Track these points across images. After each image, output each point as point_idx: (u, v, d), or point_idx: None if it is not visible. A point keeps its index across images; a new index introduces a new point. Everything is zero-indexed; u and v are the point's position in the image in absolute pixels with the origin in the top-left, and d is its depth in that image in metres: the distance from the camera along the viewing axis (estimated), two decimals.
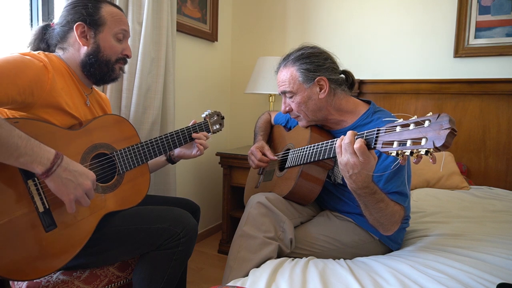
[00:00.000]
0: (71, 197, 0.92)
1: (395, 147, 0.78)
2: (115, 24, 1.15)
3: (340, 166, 0.95)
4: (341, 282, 0.95)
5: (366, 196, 1.00)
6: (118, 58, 1.18)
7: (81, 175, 0.94)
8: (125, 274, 1.18)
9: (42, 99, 0.97)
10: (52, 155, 0.89)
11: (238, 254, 1.12)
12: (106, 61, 1.15)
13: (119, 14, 1.17)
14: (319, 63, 1.22)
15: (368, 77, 2.33)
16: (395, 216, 1.07)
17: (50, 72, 1.00)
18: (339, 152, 0.95)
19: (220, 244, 2.38)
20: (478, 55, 2.09)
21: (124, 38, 1.19)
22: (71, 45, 1.13)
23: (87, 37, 1.12)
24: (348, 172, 0.94)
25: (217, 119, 1.48)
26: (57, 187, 0.90)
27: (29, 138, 0.86)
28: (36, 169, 0.86)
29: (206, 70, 2.55)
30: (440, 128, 0.70)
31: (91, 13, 1.11)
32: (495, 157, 2.04)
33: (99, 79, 1.18)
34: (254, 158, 1.43)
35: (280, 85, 1.28)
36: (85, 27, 1.11)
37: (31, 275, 0.91)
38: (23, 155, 0.84)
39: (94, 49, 1.12)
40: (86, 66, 1.13)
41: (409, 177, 1.16)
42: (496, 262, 1.04)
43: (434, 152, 0.72)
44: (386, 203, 1.04)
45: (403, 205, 1.11)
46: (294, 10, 2.59)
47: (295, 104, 1.26)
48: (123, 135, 1.18)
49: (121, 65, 1.22)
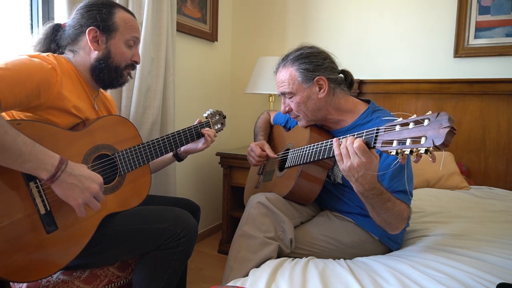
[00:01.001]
0: (79, 201, 0.92)
1: (394, 146, 0.78)
2: (127, 31, 1.15)
3: (344, 173, 0.95)
4: (341, 282, 0.95)
5: (374, 197, 0.99)
6: (127, 64, 1.19)
7: (87, 179, 0.93)
8: (125, 274, 1.18)
9: (48, 101, 0.97)
10: (57, 161, 0.89)
11: (238, 254, 1.12)
12: (115, 67, 1.15)
13: (132, 20, 1.17)
14: (318, 62, 1.22)
15: (368, 77, 2.33)
16: (402, 214, 1.07)
17: (58, 75, 1.00)
18: (339, 160, 0.94)
19: (220, 244, 2.38)
20: (478, 55, 2.09)
21: (134, 45, 1.19)
22: (81, 49, 1.13)
23: (98, 42, 1.11)
24: (353, 176, 0.93)
25: (219, 118, 1.48)
26: (64, 192, 0.90)
27: (34, 144, 0.86)
28: (41, 175, 0.87)
29: (206, 70, 2.55)
30: (439, 127, 0.70)
31: (104, 19, 1.11)
32: (495, 157, 2.04)
33: (107, 84, 1.18)
34: (254, 154, 1.43)
35: (279, 85, 1.28)
36: (97, 32, 1.10)
37: (31, 276, 0.91)
38: (28, 161, 0.84)
39: (105, 55, 1.12)
40: (96, 71, 1.13)
41: (411, 176, 1.16)
42: (496, 262, 1.04)
43: (434, 151, 0.72)
44: (393, 202, 1.03)
45: (408, 203, 1.11)
46: (294, 10, 2.59)
47: (295, 104, 1.26)
48: (125, 136, 1.18)
49: (130, 71, 1.22)
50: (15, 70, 0.90)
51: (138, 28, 1.20)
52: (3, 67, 0.88)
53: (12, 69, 0.89)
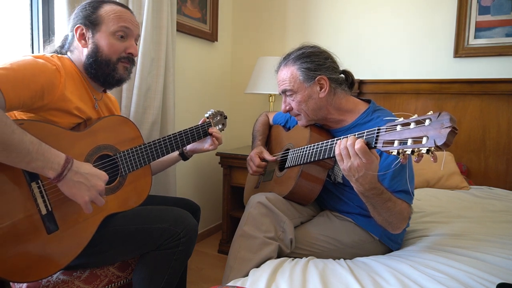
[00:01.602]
0: (86, 198, 0.93)
1: (396, 146, 0.78)
2: (113, 22, 1.11)
3: (344, 173, 0.95)
4: (341, 282, 0.95)
5: (374, 197, 1.00)
6: (121, 57, 1.14)
7: (93, 177, 0.94)
8: (125, 274, 1.18)
9: (51, 103, 0.98)
10: (63, 160, 0.89)
11: (238, 254, 1.12)
12: (106, 61, 1.11)
13: (119, 11, 1.13)
14: (320, 62, 1.22)
15: (368, 77, 2.33)
16: (403, 213, 1.07)
17: (62, 76, 1.00)
18: (340, 160, 0.94)
19: (220, 244, 2.38)
20: (478, 55, 2.09)
21: (127, 36, 1.14)
22: (76, 48, 1.13)
23: (86, 39, 1.11)
24: (354, 176, 0.93)
25: (220, 119, 1.48)
26: (70, 190, 0.91)
27: (40, 143, 0.86)
28: (48, 174, 0.87)
29: (206, 70, 2.55)
30: (441, 127, 0.70)
31: (88, 14, 1.10)
32: (495, 157, 2.04)
33: (102, 80, 1.14)
34: (252, 164, 1.43)
35: (280, 84, 1.28)
36: (83, 29, 1.10)
37: (31, 276, 0.91)
38: (34, 160, 0.84)
39: (93, 49, 1.11)
40: (88, 68, 1.12)
41: (412, 175, 1.16)
42: (496, 262, 1.04)
43: (436, 151, 0.72)
44: (394, 202, 1.03)
45: (410, 203, 1.12)
46: (294, 10, 2.59)
47: (296, 103, 1.26)
48: (127, 136, 1.18)
49: (126, 65, 1.16)
50: (20, 71, 0.90)
51: (128, 19, 1.14)
52: (8, 67, 0.88)
53: (17, 70, 0.90)
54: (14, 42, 1.53)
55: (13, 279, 0.88)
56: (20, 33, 1.55)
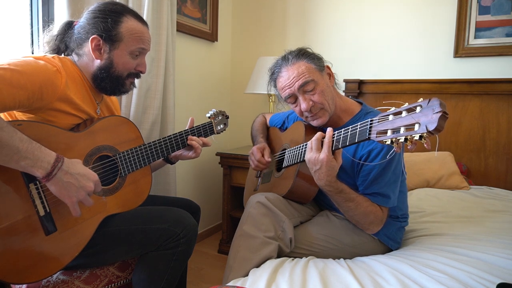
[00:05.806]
0: (74, 199, 0.91)
1: (389, 135, 0.80)
2: (133, 42, 1.11)
3: (308, 164, 1.05)
4: (341, 282, 0.95)
5: (333, 194, 1.08)
6: (130, 73, 1.16)
7: (83, 177, 0.93)
8: (125, 274, 1.18)
9: (52, 103, 0.97)
10: (53, 159, 0.88)
11: (238, 254, 1.12)
12: (117, 77, 1.13)
13: (140, 31, 1.12)
14: (318, 56, 1.26)
15: (368, 77, 2.33)
16: (369, 216, 1.11)
17: (63, 77, 0.99)
18: (308, 150, 1.05)
19: (220, 244, 2.38)
20: (478, 55, 2.09)
21: (140, 55, 1.16)
22: (86, 54, 1.11)
23: (101, 51, 1.09)
24: (312, 169, 1.05)
25: (221, 118, 1.47)
26: (59, 190, 0.90)
27: (30, 141, 0.85)
28: (36, 173, 0.86)
29: (206, 70, 2.55)
30: (431, 112, 0.71)
31: (109, 28, 1.08)
32: (495, 157, 2.04)
33: (109, 92, 1.16)
34: (253, 158, 1.43)
35: (295, 80, 1.19)
36: (100, 41, 1.08)
37: (30, 278, 0.91)
38: (24, 158, 0.83)
39: (107, 64, 1.10)
40: (97, 79, 1.12)
41: (394, 180, 1.16)
42: (496, 262, 1.04)
43: (428, 136, 0.73)
44: (356, 203, 1.09)
45: (384, 206, 1.15)
46: (294, 10, 2.59)
47: (318, 95, 1.19)
48: (127, 137, 1.18)
49: (132, 80, 1.18)
50: (17, 71, 0.89)
51: (147, 39, 1.15)
52: (5, 67, 0.88)
53: (14, 70, 0.89)
54: (14, 42, 1.53)
55: (12, 281, 0.88)
56: (20, 33, 1.55)
